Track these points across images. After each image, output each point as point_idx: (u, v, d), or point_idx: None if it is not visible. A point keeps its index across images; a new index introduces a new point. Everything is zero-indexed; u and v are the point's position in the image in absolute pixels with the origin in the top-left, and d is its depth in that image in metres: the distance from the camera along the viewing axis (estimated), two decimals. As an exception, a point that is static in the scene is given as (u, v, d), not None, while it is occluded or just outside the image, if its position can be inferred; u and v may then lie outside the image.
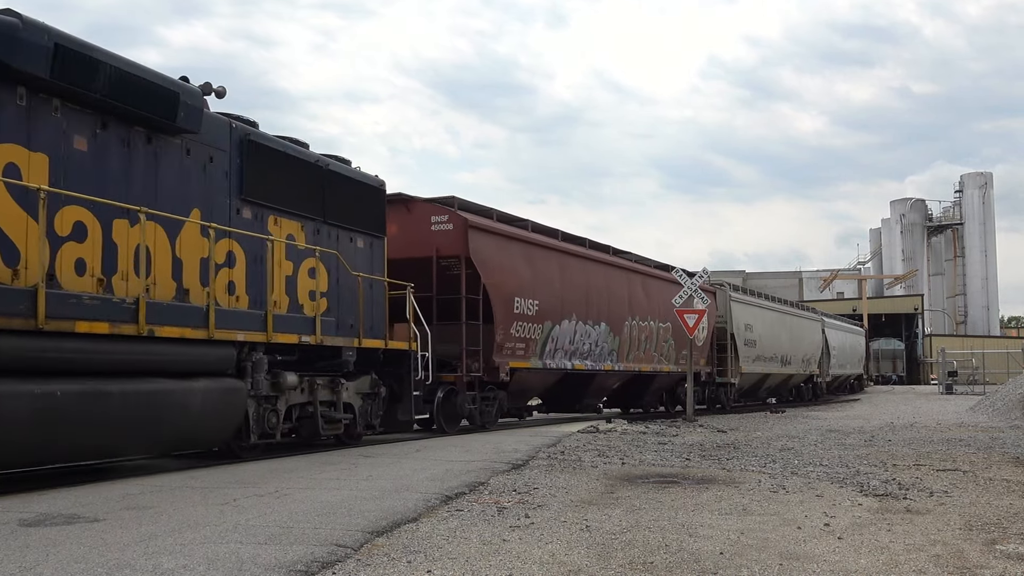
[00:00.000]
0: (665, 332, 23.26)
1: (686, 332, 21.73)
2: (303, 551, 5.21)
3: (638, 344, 21.72)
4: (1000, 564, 5.36)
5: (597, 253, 20.57)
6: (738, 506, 7.38)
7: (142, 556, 5.03)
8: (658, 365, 22.94)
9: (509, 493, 7.86)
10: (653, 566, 5.21)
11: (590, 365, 19.21)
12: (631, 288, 21.71)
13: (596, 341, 19.59)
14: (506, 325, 16.21)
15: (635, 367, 21.56)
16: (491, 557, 5.32)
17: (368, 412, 12.92)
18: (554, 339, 17.80)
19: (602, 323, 19.80)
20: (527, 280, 17.11)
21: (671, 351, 23.73)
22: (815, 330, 37.08)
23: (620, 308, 20.87)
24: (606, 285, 20.36)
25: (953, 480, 9.31)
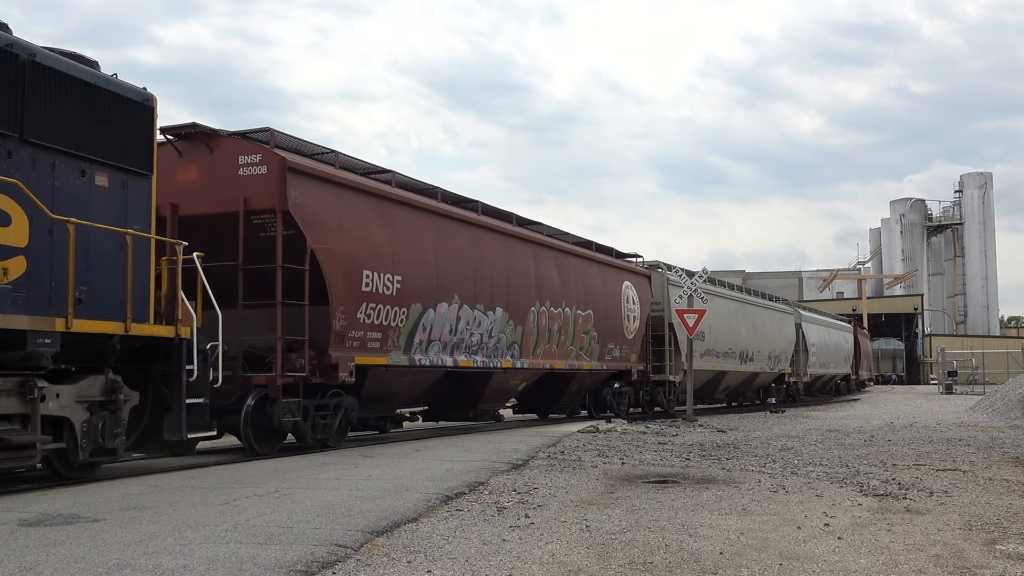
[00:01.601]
0: (585, 322, 18.99)
1: (617, 328, 20.07)
2: (303, 551, 5.21)
3: (549, 336, 17.50)
4: (1000, 564, 5.36)
5: (493, 221, 16.14)
6: (738, 506, 7.38)
7: (142, 556, 5.03)
8: (576, 361, 18.65)
9: (509, 493, 7.86)
10: (653, 566, 5.21)
11: (481, 361, 15.16)
12: (540, 267, 17.39)
13: (489, 331, 15.44)
14: (349, 307, 11.95)
15: (545, 364, 17.35)
16: (491, 557, 5.32)
17: (99, 430, 8.57)
18: (426, 327, 13.63)
19: (498, 308, 15.62)
20: (383, 248, 12.75)
21: (593, 345, 19.35)
22: (786, 324, 32.81)
23: (524, 291, 16.65)
24: (505, 261, 16.11)
25: (953, 480, 9.31)
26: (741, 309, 28.47)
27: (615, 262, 21.12)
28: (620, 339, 20.70)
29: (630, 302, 21.21)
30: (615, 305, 20.52)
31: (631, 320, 21.09)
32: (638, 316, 21.56)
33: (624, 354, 20.97)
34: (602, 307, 19.72)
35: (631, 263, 22.22)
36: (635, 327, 21.40)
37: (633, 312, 21.21)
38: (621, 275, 21.15)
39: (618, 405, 20.86)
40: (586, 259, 19.57)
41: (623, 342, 20.77)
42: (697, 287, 21.79)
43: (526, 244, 17.17)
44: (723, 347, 26.42)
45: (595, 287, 19.56)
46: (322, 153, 12.72)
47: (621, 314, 20.74)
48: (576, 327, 18.70)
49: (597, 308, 19.45)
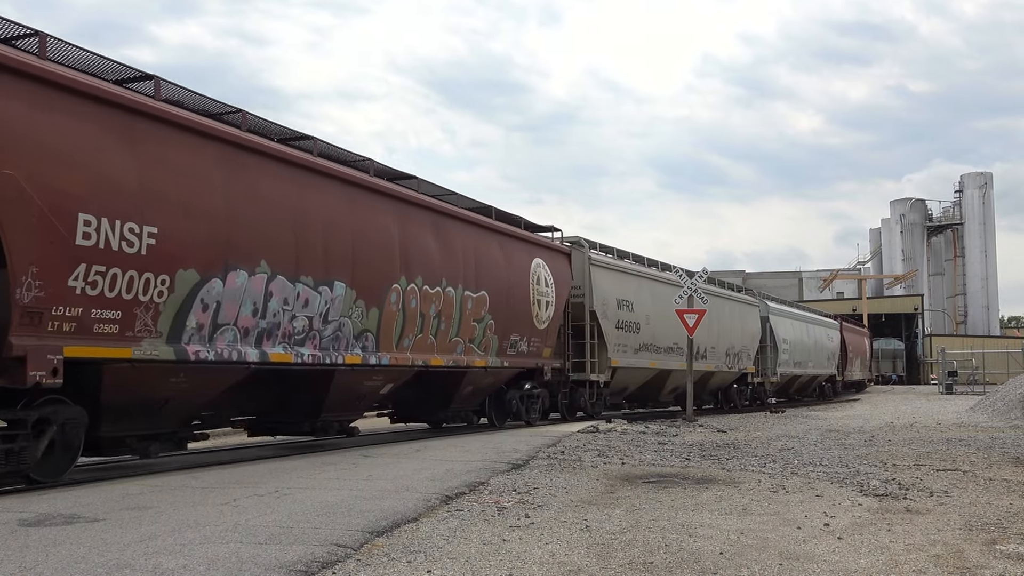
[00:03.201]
0: (478, 306, 14.86)
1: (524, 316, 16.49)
2: (303, 551, 5.21)
3: (423, 323, 13.32)
4: (1000, 564, 5.36)
5: (333, 165, 11.71)
6: (738, 506, 7.38)
7: (142, 556, 5.03)
8: (465, 357, 14.63)
9: (509, 493, 7.86)
10: (653, 566, 5.21)
11: (310, 356, 10.99)
12: (410, 232, 13.06)
13: (325, 314, 11.23)
14: (52, 269, 7.86)
15: (417, 360, 13.22)
16: (491, 557, 5.33)
17: None
18: (209, 305, 9.44)
19: (337, 283, 11.39)
20: (124, 182, 8.59)
21: (490, 336, 15.32)
22: (749, 316, 28.92)
23: (382, 262, 12.34)
24: (352, 220, 11.80)
25: (953, 480, 9.32)
26: None
27: (523, 234, 16.95)
28: (528, 329, 16.67)
29: (542, 284, 17.11)
30: (521, 287, 16.35)
31: (543, 306, 17.12)
32: (552, 302, 17.46)
33: (534, 348, 17.00)
34: (502, 288, 15.59)
35: (545, 238, 18.18)
36: (549, 315, 17.34)
37: (546, 297, 17.25)
38: (531, 250, 17.03)
39: (528, 411, 17.15)
40: (481, 227, 15.32)
41: (532, 333, 16.81)
42: (697, 287, 21.72)
43: (387, 200, 12.64)
44: (665, 341, 22.73)
45: (492, 263, 15.41)
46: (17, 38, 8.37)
47: (529, 298, 16.63)
48: (464, 313, 14.42)
49: (495, 289, 15.33)
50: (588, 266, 19.28)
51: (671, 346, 23.11)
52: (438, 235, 13.92)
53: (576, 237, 19.79)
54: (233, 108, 10.37)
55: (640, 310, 21.44)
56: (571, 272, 18.73)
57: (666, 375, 23.16)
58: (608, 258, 20.98)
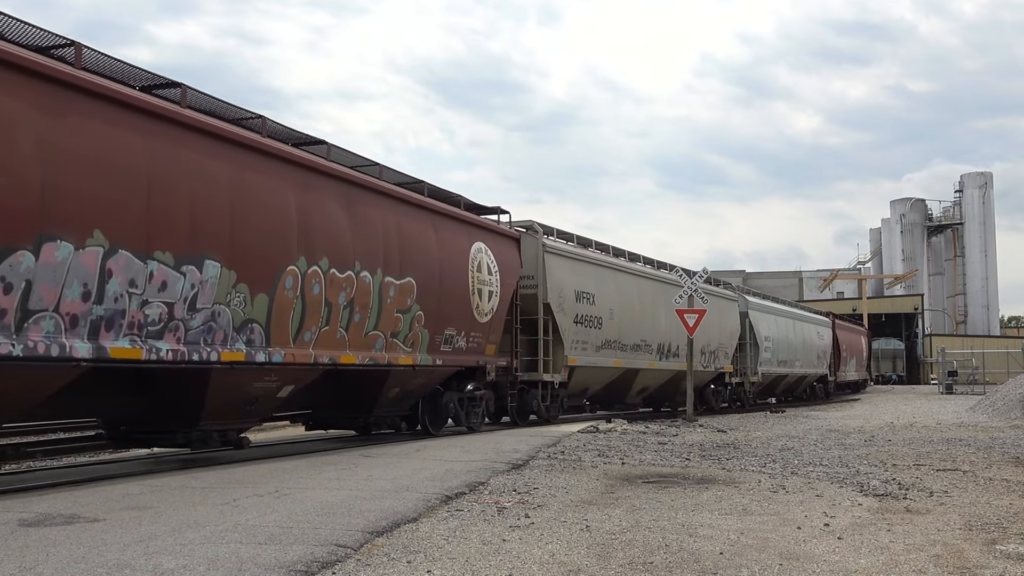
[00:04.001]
0: (402, 295, 12.69)
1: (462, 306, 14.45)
2: (303, 551, 5.21)
3: (330, 313, 11.26)
4: (1000, 564, 5.36)
5: (202, 119, 9.58)
6: (738, 506, 7.39)
7: (142, 556, 5.03)
8: (386, 353, 12.47)
9: (509, 493, 7.86)
10: (653, 566, 5.21)
11: (169, 351, 8.95)
12: (312, 204, 10.98)
13: (191, 300, 9.19)
14: None
15: (322, 357, 11.14)
16: (491, 557, 5.33)
17: None
18: (12, 284, 7.50)
19: (209, 261, 9.37)
20: None
21: (418, 329, 13.22)
22: (727, 312, 27.03)
23: (272, 237, 10.32)
24: (232, 188, 9.75)
25: (953, 480, 9.32)
26: (660, 291, 22.63)
27: (461, 214, 14.81)
28: (467, 323, 14.60)
29: (484, 271, 15.10)
30: (458, 274, 14.32)
31: (486, 297, 15.09)
32: (497, 292, 15.49)
33: (475, 344, 14.96)
34: (434, 275, 13.53)
35: (490, 221, 16.18)
36: (492, 307, 15.36)
37: (489, 286, 15.24)
38: (471, 233, 14.94)
39: (469, 416, 15.29)
40: (408, 204, 13.07)
41: (472, 327, 14.78)
42: (698, 287, 21.71)
43: (282, 166, 10.60)
44: (631, 338, 20.83)
45: (422, 245, 13.25)
46: None
47: (468, 287, 14.55)
48: (385, 302, 12.30)
49: (425, 276, 13.25)
50: (542, 253, 17.41)
51: (638, 343, 21.20)
52: (351, 210, 11.74)
53: (529, 221, 17.79)
54: (65, 40, 8.34)
55: (603, 303, 19.45)
56: (521, 260, 16.80)
57: (633, 375, 21.19)
58: (566, 245, 18.95)
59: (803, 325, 35.13)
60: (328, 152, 11.78)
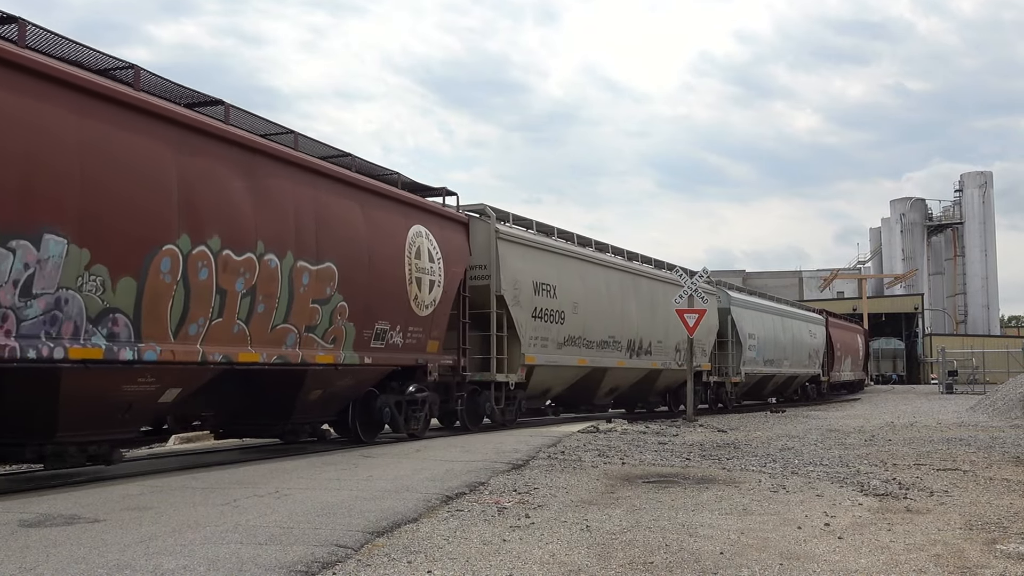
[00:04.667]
0: (320, 283, 11.17)
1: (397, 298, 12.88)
2: (303, 551, 5.21)
3: (221, 303, 9.63)
4: (1000, 564, 5.36)
5: (41, 60, 7.98)
6: (738, 506, 7.39)
7: (142, 557, 5.03)
8: (302, 351, 10.93)
9: (509, 493, 7.87)
10: (653, 566, 5.21)
11: None
12: (201, 172, 9.43)
13: (26, 284, 7.61)
14: None
15: (213, 354, 9.54)
16: (491, 557, 5.33)
17: None
18: None
19: (51, 237, 7.79)
20: None
21: (342, 324, 11.66)
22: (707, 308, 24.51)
23: (144, 211, 8.73)
24: (84, 147, 8.15)
25: (953, 480, 9.32)
26: (630, 283, 20.94)
27: (397, 193, 13.25)
28: (403, 316, 13.00)
29: (424, 259, 13.53)
30: (392, 261, 12.73)
31: (426, 287, 13.50)
32: (440, 282, 13.94)
33: (414, 341, 13.35)
34: (361, 261, 11.95)
35: (434, 203, 14.62)
36: (434, 299, 13.78)
37: (431, 275, 13.65)
38: (409, 215, 13.38)
39: (409, 421, 13.66)
40: (329, 178, 11.59)
41: (410, 321, 13.18)
42: (698, 287, 21.70)
43: (158, 124, 8.96)
44: (598, 334, 19.10)
45: (346, 226, 11.68)
46: None
47: (405, 276, 12.98)
48: (297, 291, 10.75)
49: (350, 262, 11.70)
50: (495, 241, 15.76)
51: (606, 340, 19.45)
52: (254, 182, 10.14)
53: (481, 205, 16.19)
54: None
55: (565, 296, 17.82)
56: (470, 247, 15.28)
57: (600, 374, 19.54)
58: (523, 232, 17.33)
59: (793, 323, 33.54)
60: (226, 114, 10.10)
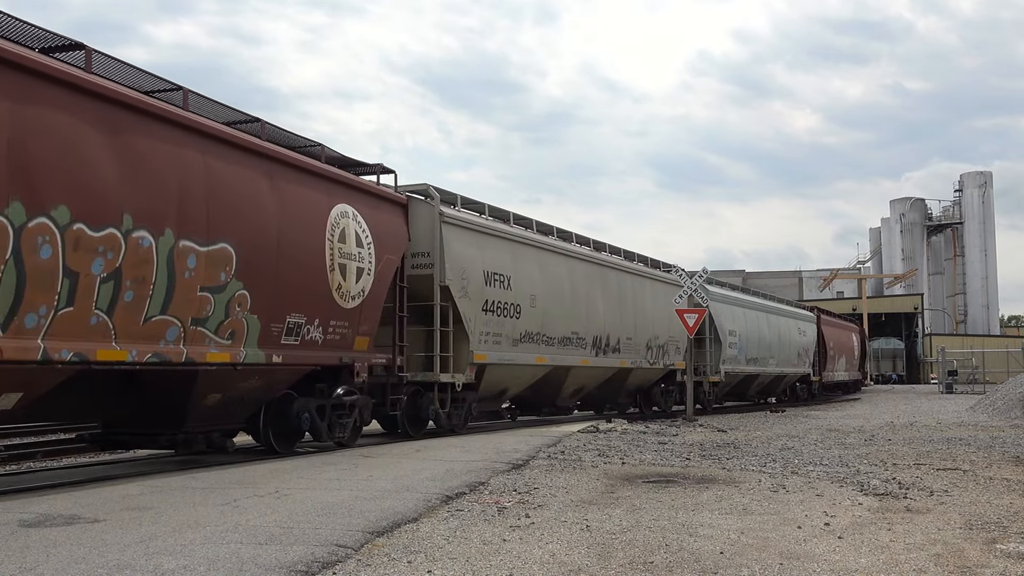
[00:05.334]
0: (211, 267, 9.54)
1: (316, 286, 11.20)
2: (303, 551, 5.21)
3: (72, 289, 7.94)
4: (1000, 563, 5.36)
5: None
6: (738, 506, 7.39)
7: (142, 557, 5.03)
8: (188, 348, 9.28)
9: (509, 493, 7.86)
10: (653, 566, 5.21)
11: None
12: (30, 127, 7.65)
13: None
14: None
15: (59, 351, 7.85)
16: (491, 557, 5.33)
17: None
18: None
19: None
20: None
21: (242, 316, 10.01)
22: None
23: None
24: None
25: (953, 479, 9.32)
26: (596, 274, 19.39)
27: (316, 166, 11.45)
28: (324, 308, 11.35)
29: (351, 242, 11.86)
30: (308, 244, 11.06)
31: (351, 275, 11.82)
32: (371, 270, 12.24)
33: (338, 336, 11.70)
34: (267, 242, 10.28)
35: (366, 182, 12.76)
36: (363, 289, 12.09)
37: (358, 262, 12.00)
38: (332, 191, 11.63)
39: (334, 428, 11.94)
40: (223, 142, 9.82)
41: (333, 314, 11.54)
42: (698, 286, 21.69)
43: None
44: (560, 330, 17.45)
45: (248, 200, 10.01)
46: None
47: (325, 261, 11.30)
48: (180, 276, 9.09)
49: (251, 243, 10.00)
50: (439, 225, 14.01)
51: (568, 336, 17.74)
52: (120, 142, 8.51)
53: (423, 185, 14.39)
54: None
55: (522, 288, 16.15)
56: (408, 231, 13.56)
57: (563, 374, 17.92)
58: (473, 216, 15.59)
59: (780, 320, 31.70)
60: (87, 60, 8.47)
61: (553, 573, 5.02)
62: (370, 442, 13.10)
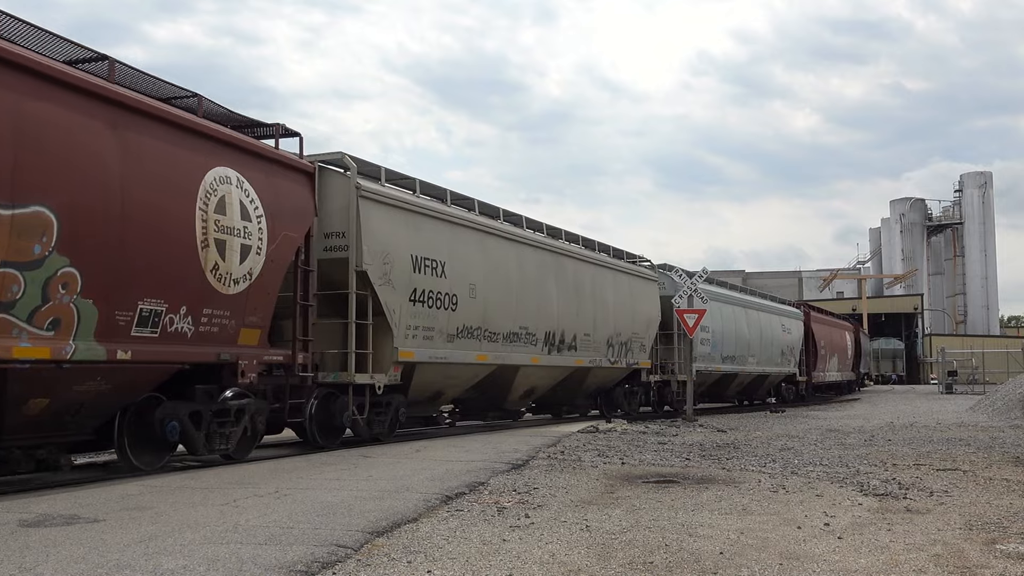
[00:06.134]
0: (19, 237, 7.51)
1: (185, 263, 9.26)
2: (303, 551, 5.21)
3: None
4: (1000, 563, 5.36)
5: None
6: (738, 506, 7.39)
7: (142, 557, 5.03)
8: None
9: (509, 493, 7.86)
10: (653, 566, 5.21)
11: None
12: None
13: None
14: None
15: None
16: (491, 557, 5.33)
17: None
18: None
19: None
20: None
21: (68, 300, 8.00)
22: (644, 294, 21.81)
23: None
24: None
25: (953, 480, 9.32)
26: (550, 263, 17.44)
27: (188, 119, 9.56)
28: (192, 292, 9.41)
29: (235, 214, 9.97)
30: (170, 211, 9.17)
31: (234, 254, 9.92)
32: (261, 248, 10.37)
33: (215, 327, 9.77)
34: (105, 206, 8.38)
35: (259, 144, 10.82)
36: (248, 271, 10.17)
37: (243, 238, 10.07)
38: (209, 152, 9.78)
39: (214, 439, 9.96)
40: (45, 78, 7.92)
41: (207, 300, 9.61)
42: (697, 287, 21.69)
43: None
44: (505, 324, 15.61)
45: (80, 152, 8.12)
46: None
47: (195, 236, 9.40)
48: None
49: (83, 206, 8.15)
50: (356, 200, 12.12)
51: (516, 331, 15.88)
52: None
53: (337, 154, 12.52)
54: None
55: (459, 276, 14.25)
56: (316, 205, 11.73)
57: (511, 373, 16.05)
58: (399, 192, 13.58)
59: (760, 315, 29.54)
60: None
61: (553, 573, 5.02)
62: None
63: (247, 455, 10.64)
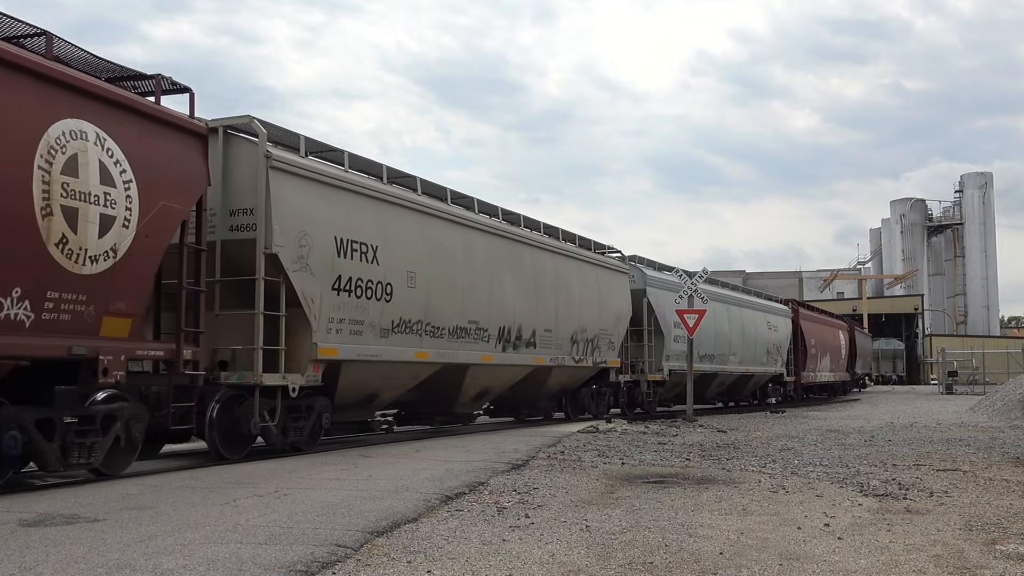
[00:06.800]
0: None
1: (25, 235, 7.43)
2: (303, 551, 5.21)
3: None
4: (1000, 564, 5.36)
5: None
6: (738, 506, 7.39)
7: (142, 556, 5.03)
8: None
9: (509, 493, 7.86)
10: (653, 566, 5.21)
11: None
12: None
13: None
14: None
15: None
16: (491, 557, 5.33)
17: None
18: None
19: None
20: None
21: None
22: (614, 287, 20.14)
23: None
24: None
25: (953, 480, 9.32)
26: (504, 250, 15.77)
27: (26, 59, 7.75)
28: (30, 271, 7.71)
29: (92, 177, 8.23)
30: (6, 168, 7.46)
31: (90, 226, 8.17)
32: (131, 220, 8.64)
33: (65, 316, 8.04)
34: None
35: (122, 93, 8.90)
36: (112, 246, 8.42)
37: (106, 206, 8.36)
38: (55, 98, 7.98)
39: (70, 451, 8.15)
40: None
41: (50, 281, 7.89)
42: (697, 287, 21.67)
43: None
44: (451, 317, 13.91)
45: None
46: None
47: (34, 200, 7.63)
48: None
49: None
50: (266, 171, 10.52)
51: (464, 326, 14.23)
52: None
53: (245, 118, 10.78)
54: None
55: (395, 262, 12.58)
56: (208, 172, 10.02)
57: (460, 373, 14.41)
58: (322, 165, 11.91)
59: (743, 312, 27.91)
60: None
61: (552, 573, 5.02)
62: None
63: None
